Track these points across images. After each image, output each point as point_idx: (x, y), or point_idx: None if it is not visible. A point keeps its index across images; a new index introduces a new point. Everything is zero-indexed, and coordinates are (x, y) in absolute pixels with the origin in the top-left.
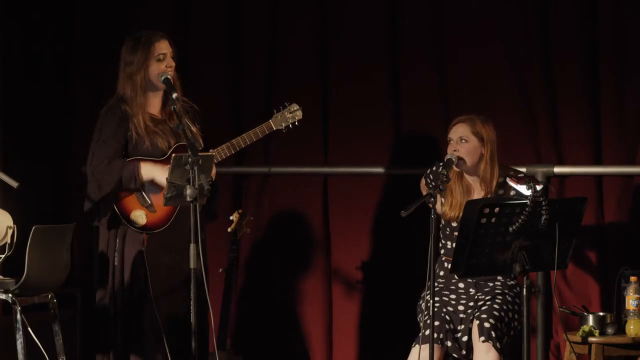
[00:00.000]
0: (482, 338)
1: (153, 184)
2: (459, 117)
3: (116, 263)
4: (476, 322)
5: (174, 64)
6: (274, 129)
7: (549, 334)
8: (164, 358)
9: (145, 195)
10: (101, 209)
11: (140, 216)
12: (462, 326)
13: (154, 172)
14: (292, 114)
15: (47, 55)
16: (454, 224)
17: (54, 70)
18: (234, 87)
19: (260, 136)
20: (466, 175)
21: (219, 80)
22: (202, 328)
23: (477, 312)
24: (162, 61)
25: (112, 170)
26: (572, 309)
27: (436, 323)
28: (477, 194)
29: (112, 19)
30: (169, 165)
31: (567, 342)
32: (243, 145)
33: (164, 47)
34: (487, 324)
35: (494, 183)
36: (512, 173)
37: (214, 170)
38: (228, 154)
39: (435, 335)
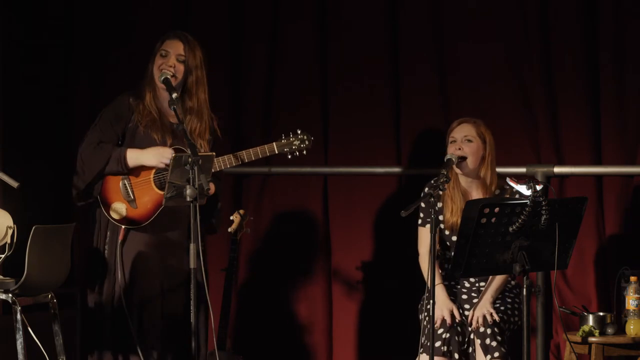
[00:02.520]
0: (489, 357)
1: (142, 175)
2: (462, 118)
3: (107, 256)
4: (478, 341)
5: (177, 66)
6: (276, 152)
7: (549, 334)
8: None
9: (129, 190)
10: (86, 192)
11: (120, 209)
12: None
13: (140, 157)
14: (300, 142)
15: (47, 56)
16: (454, 239)
17: (54, 70)
18: (234, 87)
19: (260, 156)
20: (463, 181)
21: (219, 80)
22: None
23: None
24: (163, 58)
25: (98, 153)
26: (572, 309)
27: (445, 336)
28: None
29: (112, 19)
30: (155, 149)
31: (567, 342)
32: (242, 161)
33: (170, 45)
34: (487, 340)
35: (493, 188)
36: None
37: (212, 188)
38: (229, 165)
39: (445, 348)
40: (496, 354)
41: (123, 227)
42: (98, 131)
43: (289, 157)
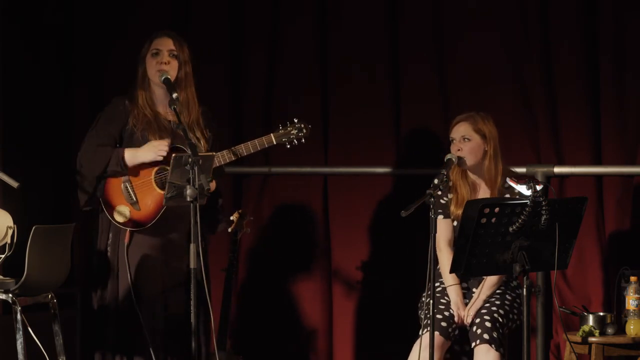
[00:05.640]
0: (478, 341)
1: (142, 176)
2: (460, 116)
3: (110, 258)
4: (474, 327)
5: (170, 61)
6: (274, 143)
7: (549, 334)
8: (148, 358)
9: (131, 192)
10: (91, 196)
11: (123, 212)
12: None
13: (137, 154)
14: (297, 131)
15: (47, 56)
16: None
17: (54, 71)
18: (234, 87)
19: (259, 148)
20: (470, 173)
21: (219, 80)
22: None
23: (476, 317)
24: (156, 57)
25: (97, 156)
26: (572, 309)
27: (443, 324)
28: (483, 191)
29: (111, 19)
30: (150, 143)
31: (567, 342)
32: (240, 155)
33: (159, 44)
34: (484, 331)
35: (499, 179)
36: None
37: (213, 186)
38: (227, 160)
39: (449, 328)
40: (492, 346)
41: (128, 230)
42: (95, 135)
43: (288, 146)
